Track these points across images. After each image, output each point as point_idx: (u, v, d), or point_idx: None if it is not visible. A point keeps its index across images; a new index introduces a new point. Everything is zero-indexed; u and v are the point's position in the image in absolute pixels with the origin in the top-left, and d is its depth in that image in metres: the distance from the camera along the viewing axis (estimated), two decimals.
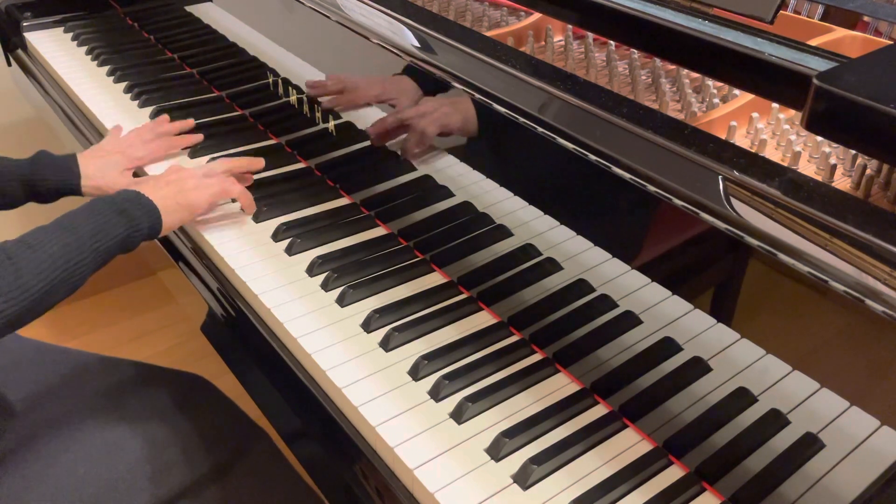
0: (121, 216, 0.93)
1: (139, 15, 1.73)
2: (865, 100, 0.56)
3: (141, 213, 0.96)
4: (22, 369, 1.07)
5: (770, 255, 0.63)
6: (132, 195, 0.97)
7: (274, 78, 1.27)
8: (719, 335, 0.72)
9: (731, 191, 0.67)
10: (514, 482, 0.74)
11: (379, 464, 0.79)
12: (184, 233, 1.12)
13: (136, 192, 0.98)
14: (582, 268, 0.84)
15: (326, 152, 1.20)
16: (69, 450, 0.94)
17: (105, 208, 0.93)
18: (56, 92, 1.53)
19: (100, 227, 0.91)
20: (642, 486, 0.74)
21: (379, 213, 1.10)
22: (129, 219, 0.94)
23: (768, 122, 0.84)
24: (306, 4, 1.12)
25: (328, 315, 0.93)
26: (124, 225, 0.93)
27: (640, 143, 0.73)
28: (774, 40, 0.79)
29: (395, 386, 0.84)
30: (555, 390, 0.84)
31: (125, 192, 0.97)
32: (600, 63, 0.98)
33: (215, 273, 1.05)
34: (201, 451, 0.99)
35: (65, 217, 0.91)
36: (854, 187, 0.73)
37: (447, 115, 0.96)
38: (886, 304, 0.57)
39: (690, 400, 0.75)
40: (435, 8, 1.12)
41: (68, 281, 0.86)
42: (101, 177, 1.15)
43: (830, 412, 0.65)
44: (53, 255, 0.85)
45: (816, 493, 0.67)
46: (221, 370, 1.04)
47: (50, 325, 2.06)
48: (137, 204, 0.96)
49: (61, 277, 0.85)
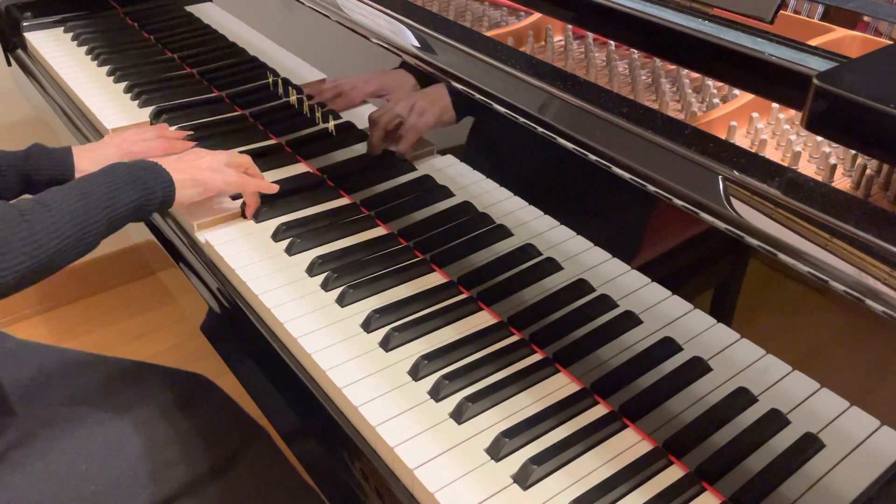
0: (135, 183, 0.96)
1: (139, 15, 1.73)
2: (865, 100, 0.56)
3: (156, 183, 0.99)
4: (23, 369, 1.07)
5: (770, 255, 0.63)
6: (149, 164, 1.00)
7: (274, 78, 1.27)
8: (719, 335, 0.72)
9: (731, 191, 0.67)
10: (514, 482, 0.74)
11: (379, 464, 0.79)
12: (183, 231, 1.12)
13: (154, 162, 1.01)
14: (582, 268, 0.84)
15: (326, 152, 1.20)
16: (70, 448, 0.95)
17: (121, 174, 0.96)
18: (56, 92, 1.53)
19: (114, 192, 0.94)
20: (642, 486, 0.74)
21: (379, 213, 1.10)
22: (144, 186, 0.97)
23: (768, 122, 0.84)
24: (306, 4, 1.12)
25: (328, 315, 0.93)
26: (138, 192, 0.96)
27: (640, 143, 0.73)
28: (774, 40, 0.79)
29: (395, 386, 0.84)
30: (555, 390, 0.84)
31: (143, 161, 1.01)
32: (600, 63, 0.98)
33: (215, 273, 1.05)
34: (201, 450, 0.99)
35: (81, 180, 0.94)
36: (854, 187, 0.73)
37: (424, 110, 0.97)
38: (886, 304, 0.57)
39: (690, 400, 0.75)
40: (435, 8, 1.12)
41: (80, 242, 0.89)
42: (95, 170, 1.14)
43: (830, 412, 0.65)
44: (66, 216, 0.88)
45: (816, 493, 0.67)
46: (221, 370, 1.04)
47: (50, 325, 2.06)
48: (153, 173, 0.99)
49: (74, 237, 0.88)
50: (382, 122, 1.06)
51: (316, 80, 1.19)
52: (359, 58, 1.10)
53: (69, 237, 0.87)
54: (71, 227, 0.88)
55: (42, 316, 2.09)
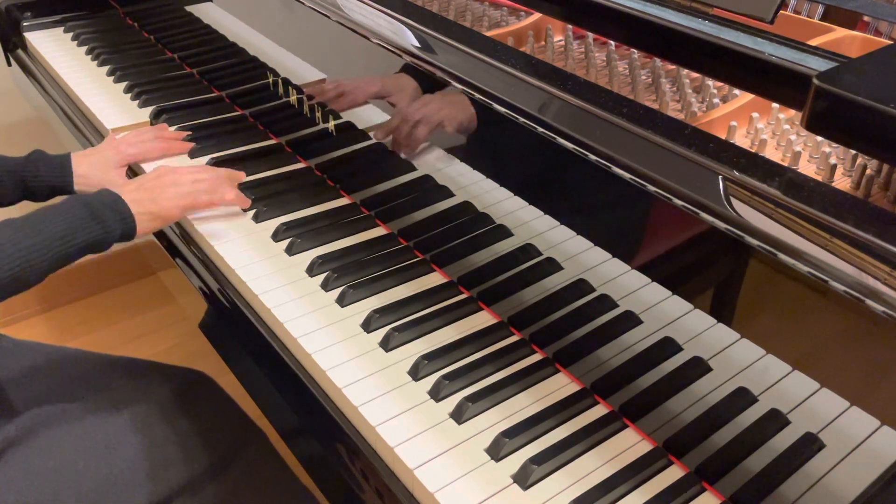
0: (94, 221, 0.94)
1: (139, 15, 1.73)
2: (865, 100, 0.56)
3: (115, 220, 0.96)
4: (22, 369, 1.07)
5: (770, 255, 0.63)
6: (110, 199, 0.97)
7: (274, 78, 1.27)
8: (719, 335, 0.72)
9: (731, 191, 0.67)
10: (514, 482, 0.74)
11: (379, 464, 0.79)
12: (183, 231, 1.12)
13: (116, 195, 0.98)
14: (582, 268, 0.84)
15: (326, 152, 1.20)
16: (68, 446, 0.95)
17: (80, 211, 0.94)
18: (56, 92, 1.53)
19: (70, 230, 0.92)
20: (642, 486, 0.74)
21: (379, 213, 1.10)
22: (102, 224, 0.95)
23: (768, 122, 0.84)
24: (306, 4, 1.12)
25: (328, 315, 0.93)
26: (96, 230, 0.94)
27: (640, 143, 0.73)
28: (774, 40, 0.79)
29: (395, 386, 0.84)
30: (555, 390, 0.84)
31: (104, 195, 0.98)
32: (600, 63, 0.98)
33: (215, 273, 1.05)
34: (199, 448, 0.99)
35: (37, 214, 0.92)
36: (854, 187, 0.73)
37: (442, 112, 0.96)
38: (886, 304, 0.57)
39: (690, 400, 0.75)
40: (435, 8, 1.12)
41: (21, 278, 0.88)
42: (93, 174, 1.14)
43: (830, 412, 0.65)
44: (10, 255, 0.86)
45: (816, 493, 0.67)
46: (221, 370, 1.04)
47: (50, 325, 2.06)
48: (114, 209, 0.97)
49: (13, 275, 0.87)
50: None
51: (316, 80, 1.19)
52: (359, 58, 1.10)
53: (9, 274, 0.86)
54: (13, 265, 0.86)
55: (42, 316, 2.09)
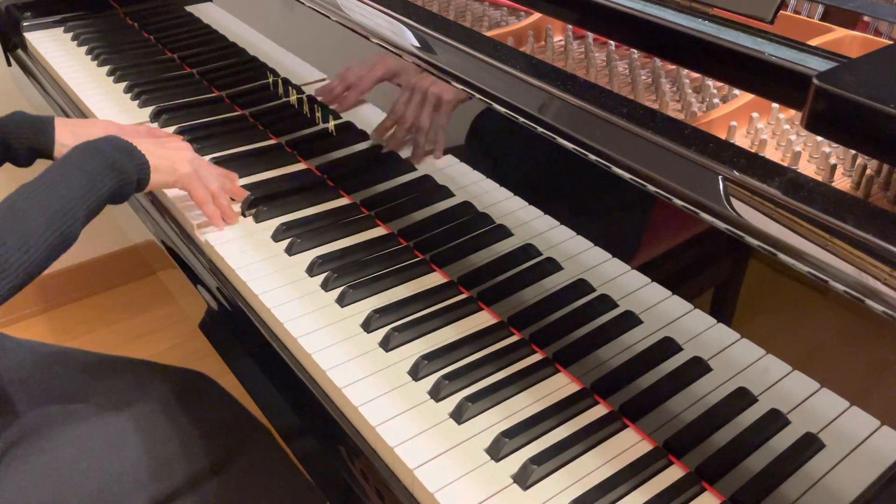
0: (112, 168, 0.94)
1: (139, 15, 1.73)
2: (865, 100, 0.56)
3: (131, 166, 0.96)
4: (23, 369, 1.07)
5: (770, 255, 0.63)
6: (126, 147, 0.97)
7: (274, 78, 1.27)
8: (719, 335, 0.72)
9: (731, 191, 0.67)
10: (514, 482, 0.74)
11: (379, 464, 0.79)
12: (183, 231, 1.12)
13: (130, 144, 0.98)
14: (582, 268, 0.84)
15: (326, 152, 1.20)
16: (71, 445, 0.95)
17: (98, 160, 0.93)
18: (56, 92, 1.53)
19: (91, 183, 0.91)
20: (642, 486, 0.74)
21: (379, 213, 1.10)
22: (120, 172, 0.95)
23: (768, 122, 0.84)
24: (306, 4, 1.12)
25: (328, 315, 0.93)
26: (115, 178, 0.94)
27: (640, 143, 0.73)
28: (774, 40, 0.79)
29: (395, 386, 0.84)
30: (555, 390, 0.84)
31: (119, 143, 0.97)
32: (600, 63, 0.98)
33: (215, 273, 1.05)
34: (202, 447, 0.99)
35: (51, 173, 0.90)
36: (854, 187, 0.72)
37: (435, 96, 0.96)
38: (886, 304, 0.57)
39: (690, 400, 0.75)
40: (435, 8, 1.12)
41: (62, 244, 0.87)
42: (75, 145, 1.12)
43: (830, 412, 0.65)
44: (45, 222, 0.85)
45: (816, 493, 0.67)
46: (221, 370, 1.04)
47: (50, 325, 2.06)
48: (130, 157, 0.96)
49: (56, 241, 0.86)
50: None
51: (316, 80, 1.19)
52: (359, 58, 1.10)
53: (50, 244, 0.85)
54: (51, 232, 0.85)
55: (42, 316, 2.09)
